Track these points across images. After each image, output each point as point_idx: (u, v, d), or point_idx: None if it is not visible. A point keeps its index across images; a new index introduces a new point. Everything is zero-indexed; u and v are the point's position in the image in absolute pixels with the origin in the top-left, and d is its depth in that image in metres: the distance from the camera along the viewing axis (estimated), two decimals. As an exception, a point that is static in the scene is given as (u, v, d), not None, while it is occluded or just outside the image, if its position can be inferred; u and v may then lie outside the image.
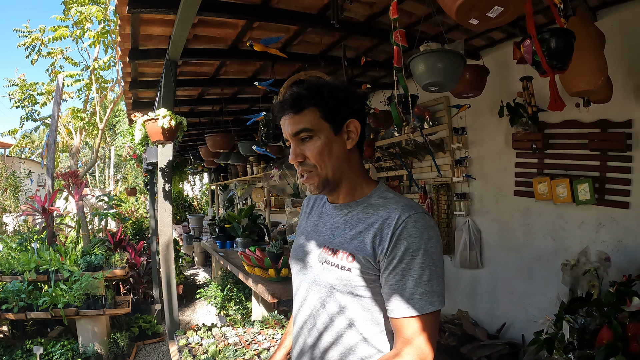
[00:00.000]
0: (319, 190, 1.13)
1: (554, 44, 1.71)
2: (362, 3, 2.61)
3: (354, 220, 1.11)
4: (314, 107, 1.09)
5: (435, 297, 1.00)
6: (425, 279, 0.99)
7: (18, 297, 4.00)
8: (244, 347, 2.38)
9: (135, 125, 2.67)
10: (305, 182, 1.14)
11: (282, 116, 1.14)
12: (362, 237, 1.06)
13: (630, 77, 2.63)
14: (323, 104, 1.10)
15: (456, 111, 3.67)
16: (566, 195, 2.94)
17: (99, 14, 7.68)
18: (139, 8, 2.22)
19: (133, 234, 8.06)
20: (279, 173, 5.93)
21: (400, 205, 1.06)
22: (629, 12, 2.64)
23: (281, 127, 1.16)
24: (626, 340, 1.80)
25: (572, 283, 2.61)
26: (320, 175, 1.10)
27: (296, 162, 1.13)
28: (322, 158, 1.09)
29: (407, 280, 0.99)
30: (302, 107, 1.09)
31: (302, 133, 1.09)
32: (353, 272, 1.05)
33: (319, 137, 1.09)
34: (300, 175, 1.14)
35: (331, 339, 1.09)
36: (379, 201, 1.11)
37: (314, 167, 1.10)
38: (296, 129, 1.10)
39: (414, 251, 1.00)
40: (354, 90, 1.18)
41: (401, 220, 1.02)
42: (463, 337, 3.50)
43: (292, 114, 1.10)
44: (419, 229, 1.01)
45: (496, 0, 1.30)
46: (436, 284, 1.01)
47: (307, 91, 1.10)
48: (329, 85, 1.11)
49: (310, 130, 1.09)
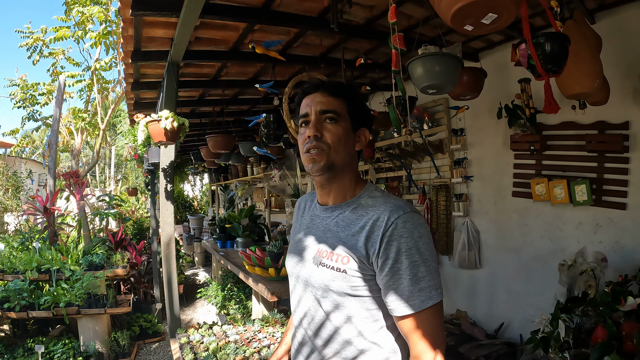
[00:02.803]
0: (320, 171, 1.14)
1: (549, 48, 1.74)
2: (362, 6, 2.64)
3: (345, 222, 1.14)
4: (345, 99, 1.16)
5: (434, 291, 1.03)
6: (420, 275, 1.02)
7: (20, 296, 4.03)
8: (245, 345, 2.41)
9: (138, 126, 2.70)
10: (311, 157, 1.13)
11: (313, 92, 1.17)
12: (355, 240, 1.09)
13: (628, 80, 2.66)
14: (353, 101, 1.17)
15: (455, 113, 3.70)
16: (564, 196, 2.97)
17: (100, 15, 7.71)
18: (142, 11, 2.24)
19: (134, 233, 8.10)
20: (279, 174, 5.96)
21: (389, 205, 1.08)
22: (627, 15, 2.67)
23: (302, 104, 1.19)
24: (620, 339, 1.82)
25: (569, 283, 2.63)
26: (330, 157, 1.12)
27: (312, 136, 1.13)
28: (339, 143, 1.13)
29: (403, 279, 1.02)
30: (337, 94, 1.16)
31: (331, 114, 1.14)
32: (349, 274, 1.07)
33: (342, 125, 1.14)
34: (307, 150, 1.14)
35: (328, 336, 1.12)
36: (368, 201, 1.14)
37: (327, 147, 1.12)
38: (327, 107, 1.14)
39: (406, 251, 1.02)
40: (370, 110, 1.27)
41: (390, 221, 1.04)
42: (462, 336, 3.53)
43: (327, 94, 1.15)
44: (409, 229, 1.04)
45: (490, 8, 1.33)
46: (432, 278, 1.03)
47: (345, 84, 1.19)
48: (360, 92, 1.19)
49: (339, 115, 1.14)
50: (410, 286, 1.02)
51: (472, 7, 1.36)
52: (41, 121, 10.51)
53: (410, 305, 1.01)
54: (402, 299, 1.02)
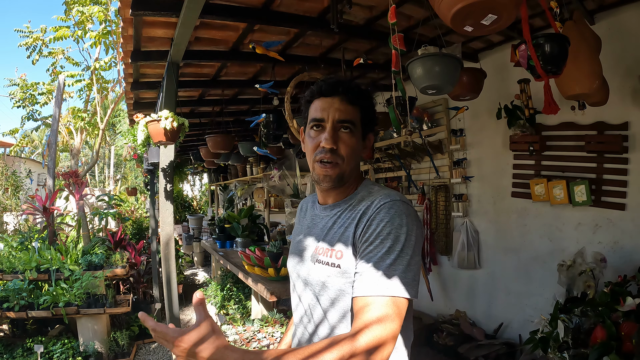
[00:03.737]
0: (330, 184, 1.12)
1: (549, 49, 1.74)
2: (362, 6, 2.65)
3: (342, 219, 1.14)
4: (360, 107, 1.13)
5: (399, 284, 0.95)
6: (388, 262, 0.96)
7: (19, 296, 4.03)
8: (244, 344, 2.41)
9: (138, 126, 2.70)
10: (324, 170, 1.10)
11: (330, 96, 1.12)
12: (348, 232, 1.08)
13: (627, 80, 2.67)
14: (367, 109, 1.14)
15: (455, 113, 3.71)
16: (563, 196, 2.97)
17: (100, 15, 7.71)
18: (142, 11, 2.24)
19: (133, 233, 8.08)
20: (279, 174, 5.97)
21: (381, 194, 1.08)
22: (626, 15, 2.68)
23: (316, 106, 1.13)
24: (619, 340, 1.82)
25: (569, 283, 2.64)
26: (342, 169, 1.11)
27: (328, 148, 1.09)
28: (352, 154, 1.11)
29: (370, 260, 0.98)
30: (355, 102, 1.12)
31: (348, 124, 1.10)
32: (342, 268, 1.07)
33: (356, 135, 1.12)
34: (320, 160, 1.10)
35: (326, 333, 1.13)
36: (364, 194, 1.14)
37: (342, 159, 1.10)
38: (345, 117, 1.10)
39: (381, 233, 0.99)
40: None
41: (377, 206, 1.04)
42: (461, 337, 3.54)
43: (346, 102, 1.10)
44: (392, 215, 1.01)
45: (490, 9, 1.33)
46: (401, 271, 0.96)
47: (364, 91, 1.14)
48: (372, 98, 1.17)
49: (355, 125, 1.11)
50: (372, 270, 0.97)
51: (472, 8, 1.37)
52: (41, 121, 10.51)
53: (365, 289, 0.95)
54: (361, 281, 0.98)
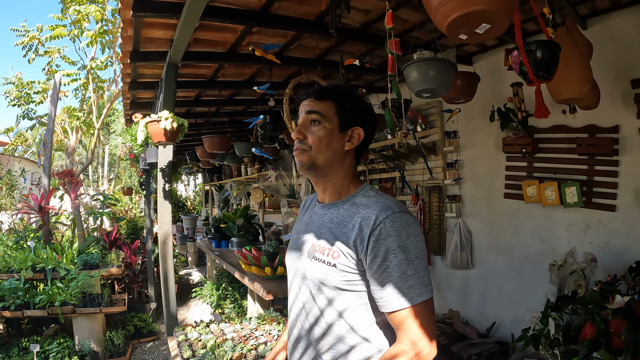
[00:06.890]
0: (303, 169, 1.23)
1: (540, 55, 1.79)
2: (359, 10, 2.69)
3: (338, 219, 1.19)
4: (333, 101, 1.23)
5: (423, 288, 1.06)
6: (410, 273, 1.05)
7: (15, 295, 4.02)
8: (242, 342, 2.45)
9: (137, 126, 2.73)
10: (295, 155, 1.24)
11: (305, 99, 1.26)
12: (346, 237, 1.13)
13: (618, 84, 2.72)
14: (341, 103, 1.23)
15: (448, 115, 3.75)
16: (554, 198, 3.03)
17: (97, 14, 7.69)
18: (143, 12, 2.27)
19: (128, 233, 8.07)
20: (275, 174, 5.99)
21: (379, 205, 1.12)
22: (618, 21, 2.73)
23: (299, 112, 1.28)
24: (609, 336, 1.87)
25: (560, 283, 2.68)
26: (311, 157, 1.20)
27: (296, 138, 1.23)
28: (320, 144, 1.20)
29: (392, 276, 1.06)
30: (324, 97, 1.23)
31: (314, 115, 1.21)
32: (338, 268, 1.12)
33: (325, 126, 1.21)
34: (294, 149, 1.25)
35: (322, 330, 1.16)
36: (361, 200, 1.19)
37: (309, 147, 1.20)
38: (310, 109, 1.22)
39: (394, 250, 1.06)
40: (372, 109, 1.33)
41: (379, 220, 1.08)
42: (454, 336, 3.57)
43: (314, 99, 1.24)
44: (397, 228, 1.07)
45: (484, 19, 1.38)
46: (421, 276, 1.07)
47: (333, 88, 1.26)
48: (353, 93, 1.27)
49: (321, 116, 1.21)
50: (399, 283, 1.05)
51: (466, 17, 1.41)
52: (36, 119, 10.46)
53: (400, 302, 1.05)
54: (391, 295, 1.06)
